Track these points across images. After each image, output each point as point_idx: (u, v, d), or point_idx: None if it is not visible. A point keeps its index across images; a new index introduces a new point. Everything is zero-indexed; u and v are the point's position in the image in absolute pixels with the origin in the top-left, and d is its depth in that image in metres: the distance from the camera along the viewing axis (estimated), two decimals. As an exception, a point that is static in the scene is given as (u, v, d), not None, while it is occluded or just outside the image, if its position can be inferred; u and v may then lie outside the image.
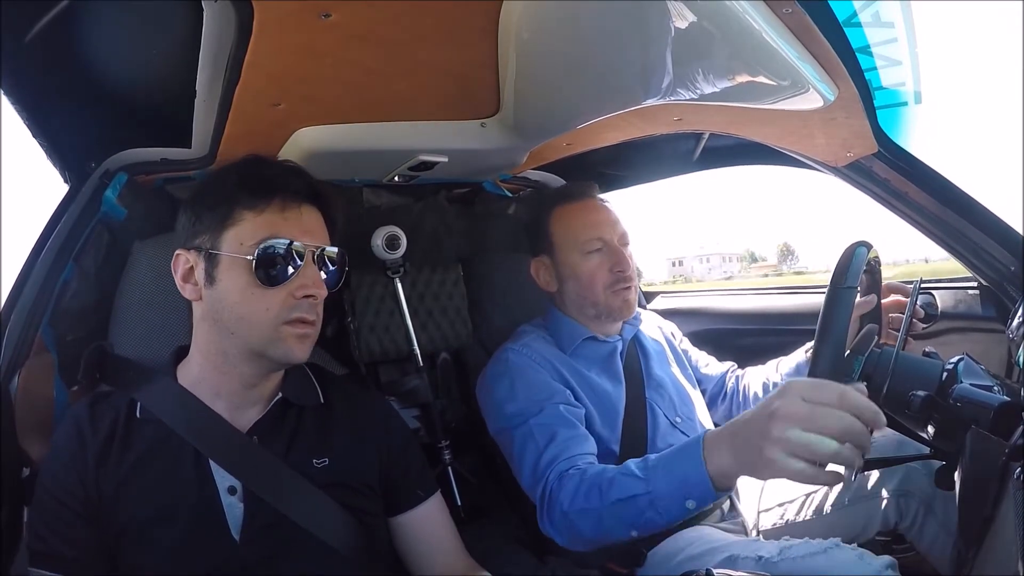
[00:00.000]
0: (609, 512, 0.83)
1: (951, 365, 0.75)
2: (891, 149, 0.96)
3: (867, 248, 0.77)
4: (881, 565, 0.80)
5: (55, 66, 0.84)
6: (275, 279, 0.76)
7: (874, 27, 0.71)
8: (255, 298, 0.76)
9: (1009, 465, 0.57)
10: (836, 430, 0.58)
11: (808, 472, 0.59)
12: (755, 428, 0.64)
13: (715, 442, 0.72)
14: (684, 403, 1.21)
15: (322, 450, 0.84)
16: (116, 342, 1.03)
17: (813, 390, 0.61)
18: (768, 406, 0.63)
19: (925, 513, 1.01)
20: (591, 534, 0.87)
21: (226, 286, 0.77)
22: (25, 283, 1.00)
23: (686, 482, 0.74)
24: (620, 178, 1.69)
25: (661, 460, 0.81)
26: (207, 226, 0.79)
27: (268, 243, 0.76)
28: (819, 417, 0.59)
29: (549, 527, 0.93)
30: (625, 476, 0.83)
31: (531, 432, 1.01)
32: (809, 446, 0.59)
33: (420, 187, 1.47)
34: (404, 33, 0.79)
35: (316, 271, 0.80)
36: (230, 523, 0.77)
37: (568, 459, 0.95)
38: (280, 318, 0.77)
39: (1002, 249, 1.00)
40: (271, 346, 0.77)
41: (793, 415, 0.60)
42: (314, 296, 0.79)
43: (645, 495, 0.79)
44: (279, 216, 0.78)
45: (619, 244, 1.17)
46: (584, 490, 0.87)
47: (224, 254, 0.77)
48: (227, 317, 0.78)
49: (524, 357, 1.12)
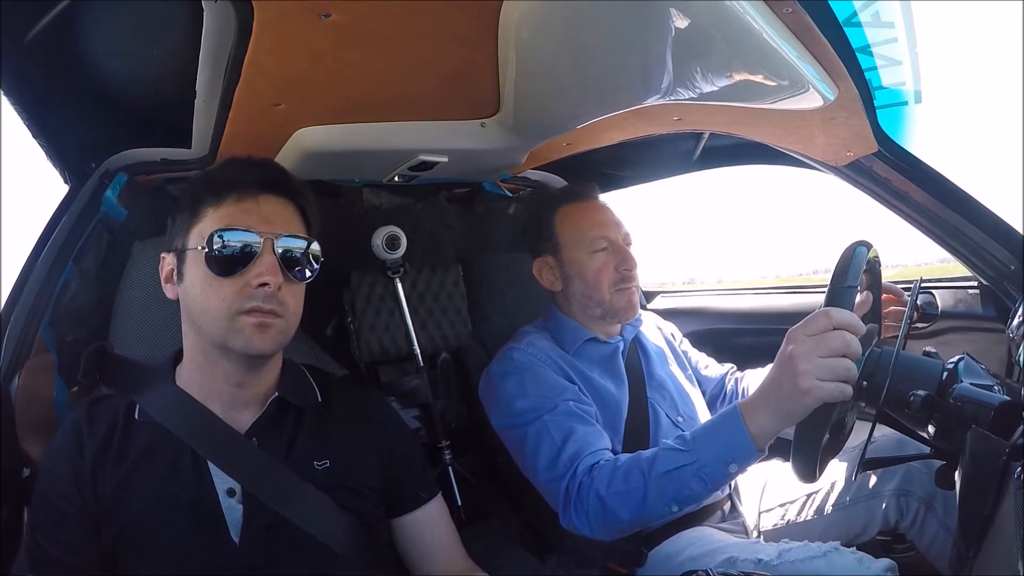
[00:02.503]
0: (654, 487, 0.85)
1: (951, 365, 0.75)
2: (891, 149, 0.96)
3: (867, 248, 0.77)
4: (881, 568, 0.81)
5: (55, 66, 0.84)
6: (228, 269, 0.76)
7: (874, 27, 0.71)
8: (212, 289, 0.76)
9: (1009, 465, 0.57)
10: (841, 347, 0.69)
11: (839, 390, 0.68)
12: (784, 376, 0.72)
13: (750, 406, 0.79)
14: (685, 403, 1.21)
15: (323, 452, 0.84)
16: (116, 342, 1.03)
17: (809, 326, 0.71)
18: (783, 355, 0.73)
19: (925, 513, 1.01)
20: (629, 515, 0.88)
21: (190, 280, 0.79)
22: (25, 283, 1.00)
23: (729, 446, 0.80)
24: (620, 178, 1.69)
25: (700, 432, 0.86)
26: (180, 227, 0.81)
27: (219, 233, 0.76)
28: (827, 342, 0.69)
29: (577, 518, 0.93)
30: (667, 451, 0.86)
31: (546, 428, 1.00)
32: (829, 367, 0.69)
33: (420, 187, 1.47)
34: (404, 33, 0.79)
35: (273, 259, 0.78)
36: (229, 525, 0.77)
37: (593, 453, 0.96)
38: (235, 308, 0.76)
39: (1002, 249, 1.00)
40: (230, 337, 0.76)
41: (807, 350, 0.70)
42: (267, 284, 0.76)
43: (691, 464, 0.83)
44: (235, 207, 0.79)
45: (624, 243, 1.17)
46: (622, 473, 0.89)
47: (188, 250, 0.79)
48: (194, 312, 0.79)
49: (530, 356, 1.12)
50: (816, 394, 0.68)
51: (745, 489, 1.20)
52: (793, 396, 0.71)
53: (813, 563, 0.84)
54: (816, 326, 0.71)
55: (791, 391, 0.71)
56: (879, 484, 1.05)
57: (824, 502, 1.10)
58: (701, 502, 1.01)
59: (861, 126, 0.89)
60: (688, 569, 0.64)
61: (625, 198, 1.76)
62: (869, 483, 1.06)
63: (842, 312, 0.70)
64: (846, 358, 0.69)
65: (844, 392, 0.68)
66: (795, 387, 0.70)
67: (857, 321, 0.71)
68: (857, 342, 0.69)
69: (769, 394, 0.76)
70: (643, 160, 1.56)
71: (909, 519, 1.02)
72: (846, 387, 0.68)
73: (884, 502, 1.04)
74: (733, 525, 1.12)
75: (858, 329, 0.70)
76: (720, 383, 1.34)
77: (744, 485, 1.20)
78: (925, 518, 1.01)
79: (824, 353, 0.69)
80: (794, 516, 1.12)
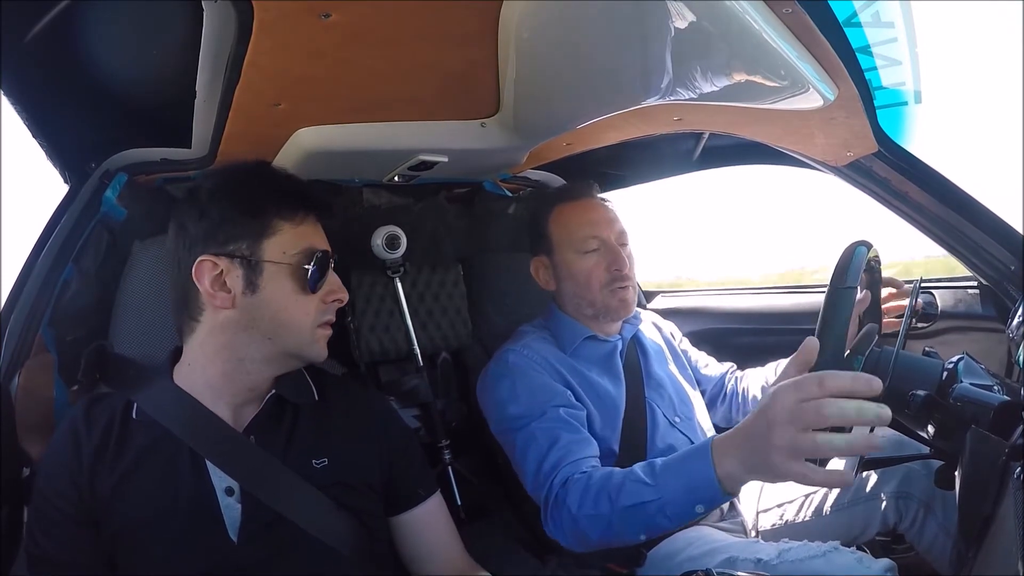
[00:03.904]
0: (619, 518, 0.83)
1: (951, 365, 0.75)
2: (891, 149, 0.96)
3: (867, 247, 0.77)
4: (880, 568, 0.81)
5: (55, 66, 0.84)
6: (316, 285, 0.82)
7: (874, 27, 0.71)
8: (298, 304, 0.81)
9: (1009, 465, 0.57)
10: (818, 421, 0.58)
11: (813, 476, 0.60)
12: (757, 437, 0.64)
13: (723, 448, 0.72)
14: (683, 403, 1.21)
15: (321, 450, 0.84)
16: (116, 342, 1.03)
17: (798, 389, 0.60)
18: (764, 414, 0.63)
19: (925, 513, 1.01)
20: (598, 537, 0.87)
21: (270, 294, 0.79)
22: (25, 283, 1.00)
23: (695, 487, 0.75)
24: (620, 178, 1.69)
25: (669, 465, 0.80)
26: (243, 233, 0.79)
27: (312, 253, 0.81)
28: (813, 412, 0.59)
29: (554, 529, 0.93)
30: (634, 483, 0.82)
31: (533, 435, 1.01)
32: (811, 443, 0.59)
33: (420, 187, 1.47)
34: (404, 33, 0.79)
35: (337, 277, 0.86)
36: (227, 524, 0.77)
37: (572, 463, 0.95)
38: (316, 321, 0.83)
39: (1002, 249, 1.00)
40: (308, 348, 0.83)
41: (786, 418, 0.60)
42: (341, 300, 0.86)
43: (655, 501, 0.79)
44: (312, 228, 0.84)
45: (617, 243, 1.16)
46: (592, 495, 0.87)
47: (267, 261, 0.79)
48: (265, 323, 0.79)
49: (524, 359, 1.12)
50: (784, 471, 0.61)
51: (744, 489, 1.20)
52: (764, 463, 0.63)
53: (813, 562, 0.84)
54: (805, 391, 0.60)
55: (763, 456, 0.63)
56: (878, 485, 1.05)
57: (823, 503, 1.10)
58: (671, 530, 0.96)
59: (861, 126, 0.89)
60: (688, 569, 0.63)
61: (618, 197, 1.76)
62: (868, 484, 1.06)
63: (839, 378, 0.59)
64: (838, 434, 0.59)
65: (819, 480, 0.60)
66: (767, 456, 0.62)
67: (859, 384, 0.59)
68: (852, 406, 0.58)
69: (741, 443, 0.69)
70: (643, 160, 1.56)
71: (908, 520, 1.02)
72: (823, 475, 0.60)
73: (883, 503, 1.04)
74: (732, 524, 1.12)
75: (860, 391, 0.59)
76: (720, 382, 1.34)
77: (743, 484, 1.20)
78: (924, 519, 1.01)
79: (805, 426, 0.59)
80: (792, 516, 1.12)
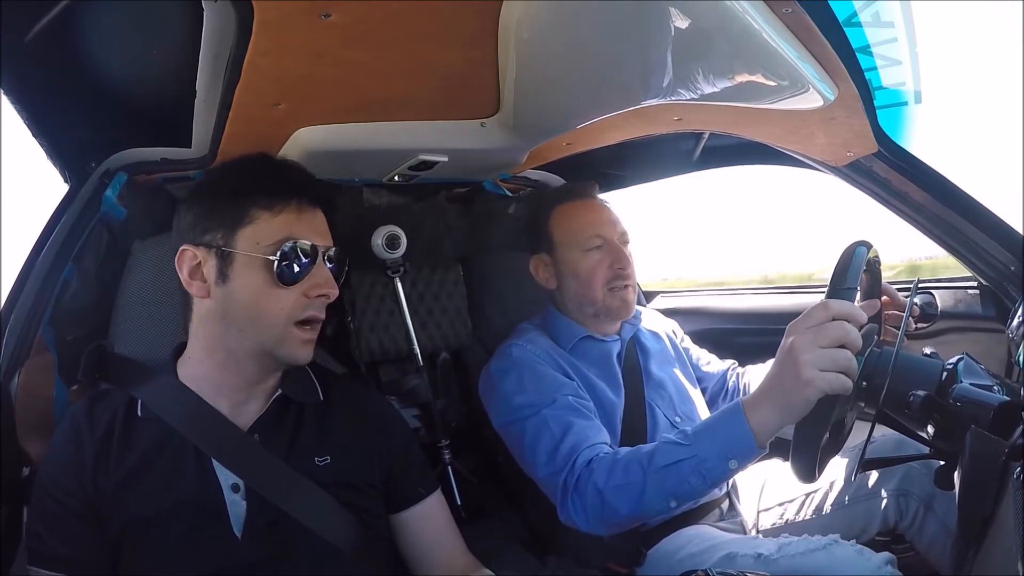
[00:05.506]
0: (653, 480, 0.84)
1: (951, 365, 0.75)
2: (891, 149, 0.96)
3: (867, 248, 0.77)
4: (880, 561, 0.81)
5: (55, 66, 0.84)
6: (292, 279, 0.78)
7: (874, 27, 0.71)
8: (270, 297, 0.78)
9: (1009, 465, 0.57)
10: (840, 336, 0.68)
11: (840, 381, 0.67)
12: (784, 369, 0.72)
13: (752, 402, 0.78)
14: (684, 402, 1.21)
15: (324, 448, 0.85)
16: (116, 342, 1.03)
17: (809, 318, 0.71)
18: (784, 348, 0.73)
19: (925, 513, 1.01)
20: (627, 509, 0.87)
21: (241, 284, 0.78)
22: (25, 283, 1.00)
23: (730, 441, 0.79)
24: (620, 178, 1.69)
25: (702, 427, 0.85)
26: (219, 223, 0.79)
27: (287, 243, 0.78)
28: (827, 332, 0.69)
29: (574, 511, 0.92)
30: (668, 445, 0.86)
31: (545, 422, 1.00)
32: (830, 356, 0.68)
33: (420, 187, 1.47)
34: (404, 33, 0.79)
35: (327, 271, 0.82)
36: (232, 521, 0.77)
37: (591, 447, 0.96)
38: (292, 317, 0.79)
39: (1002, 249, 1.00)
40: (278, 346, 0.79)
41: (807, 341, 0.69)
42: (327, 295, 0.81)
43: (690, 459, 0.82)
44: (295, 217, 0.80)
45: (619, 242, 1.17)
46: (622, 466, 0.88)
47: (240, 252, 0.78)
48: (238, 315, 0.78)
49: (528, 352, 1.12)
50: (817, 384, 0.68)
51: (744, 488, 1.20)
52: (795, 388, 0.70)
53: (813, 556, 0.84)
54: (815, 318, 0.70)
55: (793, 383, 0.70)
56: (878, 484, 1.05)
57: (823, 502, 1.10)
58: (699, 499, 1.00)
59: (861, 126, 0.89)
60: (688, 566, 0.64)
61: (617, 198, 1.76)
62: (868, 483, 1.06)
63: (841, 303, 0.70)
64: (846, 348, 0.68)
65: (844, 384, 0.67)
66: (796, 378, 0.69)
67: (857, 311, 0.70)
68: (857, 332, 0.69)
69: (771, 388, 0.75)
70: (643, 160, 1.56)
71: (908, 519, 1.02)
72: (846, 379, 0.68)
73: (883, 502, 1.04)
74: (731, 524, 1.12)
75: (858, 319, 0.70)
76: (722, 379, 1.34)
77: (743, 484, 1.20)
78: (924, 518, 1.01)
79: (824, 343, 0.68)
80: (793, 515, 1.12)
